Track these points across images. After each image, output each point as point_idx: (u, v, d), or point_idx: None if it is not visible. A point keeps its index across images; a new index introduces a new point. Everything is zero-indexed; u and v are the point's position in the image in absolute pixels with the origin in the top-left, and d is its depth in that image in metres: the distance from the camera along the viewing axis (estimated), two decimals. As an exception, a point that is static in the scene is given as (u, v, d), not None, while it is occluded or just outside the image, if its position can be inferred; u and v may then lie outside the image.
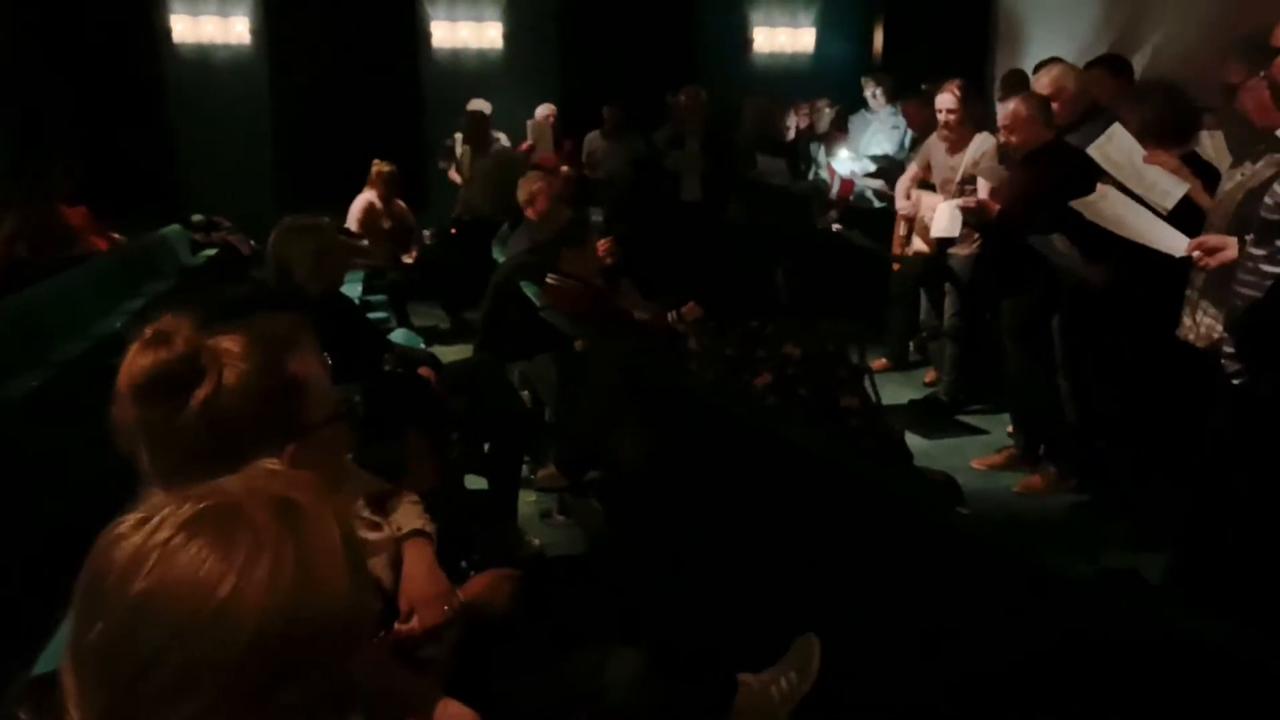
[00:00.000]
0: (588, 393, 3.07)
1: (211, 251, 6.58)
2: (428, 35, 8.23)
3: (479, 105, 7.41)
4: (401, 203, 7.00)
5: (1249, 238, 2.51)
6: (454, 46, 8.28)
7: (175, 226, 6.63)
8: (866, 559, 1.97)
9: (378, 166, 6.71)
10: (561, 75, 8.44)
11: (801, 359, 2.31)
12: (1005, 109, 4.22)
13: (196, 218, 6.86)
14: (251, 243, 7.13)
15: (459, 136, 7.51)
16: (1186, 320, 3.09)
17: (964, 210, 4.64)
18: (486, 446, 3.54)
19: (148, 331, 1.26)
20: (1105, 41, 6.59)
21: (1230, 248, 2.70)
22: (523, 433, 3.41)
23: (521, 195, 5.56)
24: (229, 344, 1.26)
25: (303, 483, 0.91)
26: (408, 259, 6.86)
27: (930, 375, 5.81)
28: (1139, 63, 5.33)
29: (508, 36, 8.33)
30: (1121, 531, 3.72)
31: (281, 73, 8.10)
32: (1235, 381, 2.51)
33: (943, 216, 4.89)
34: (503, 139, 7.54)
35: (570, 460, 3.18)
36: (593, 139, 7.76)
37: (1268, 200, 2.41)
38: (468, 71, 8.29)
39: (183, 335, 1.25)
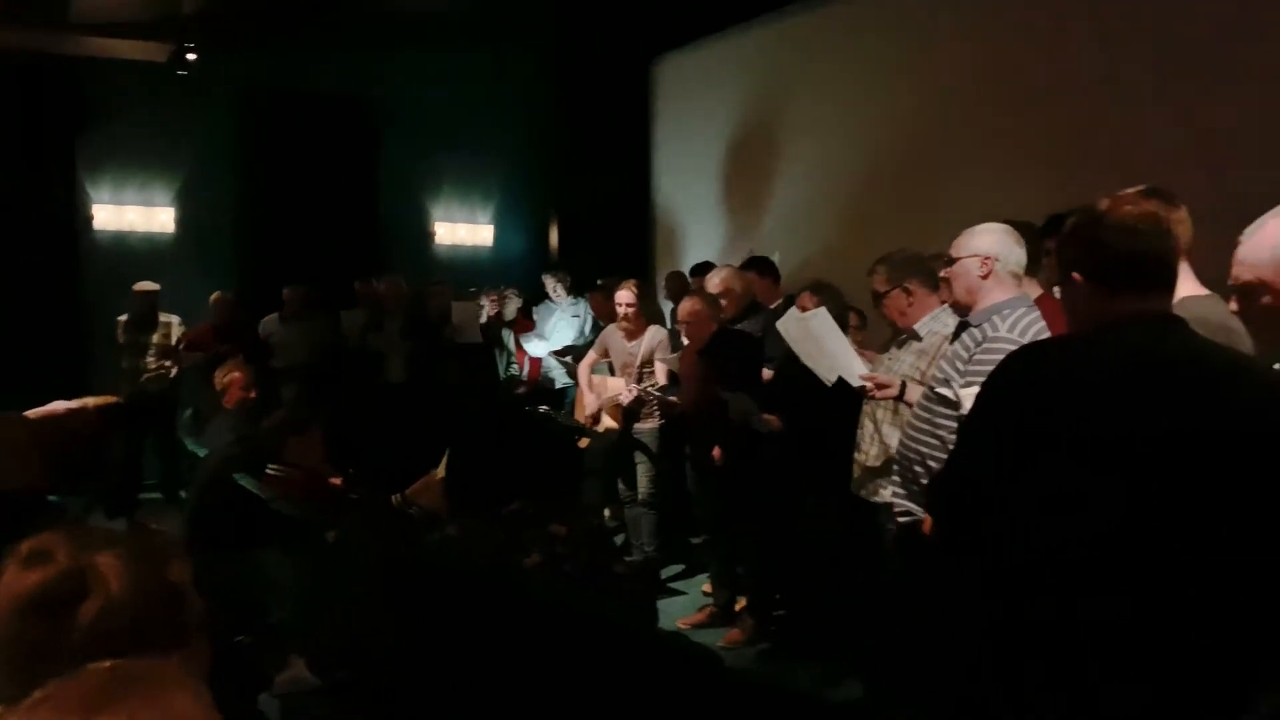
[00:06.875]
0: (343, 585, 3.04)
1: None
2: (89, 218, 7.78)
3: (146, 286, 7.10)
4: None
5: (920, 399, 3.09)
6: (119, 229, 7.88)
7: None
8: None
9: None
10: (239, 260, 8.26)
11: (568, 537, 2.51)
12: (683, 307, 4.89)
13: None
14: None
15: (123, 319, 7.10)
16: (856, 472, 3.70)
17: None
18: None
19: (23, 549, 1.24)
20: (745, 244, 7.72)
21: (894, 387, 3.29)
22: (261, 636, 3.26)
23: (217, 384, 5.39)
24: (109, 558, 1.27)
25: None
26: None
27: (627, 543, 6.18)
28: (783, 262, 6.34)
29: (180, 220, 8.07)
30: (814, 672, 4.21)
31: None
32: (902, 519, 3.06)
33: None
34: (175, 321, 7.22)
35: (323, 660, 3.08)
36: (270, 323, 7.61)
37: (936, 374, 3.00)
38: (135, 255, 7.88)
39: (63, 551, 1.24)
